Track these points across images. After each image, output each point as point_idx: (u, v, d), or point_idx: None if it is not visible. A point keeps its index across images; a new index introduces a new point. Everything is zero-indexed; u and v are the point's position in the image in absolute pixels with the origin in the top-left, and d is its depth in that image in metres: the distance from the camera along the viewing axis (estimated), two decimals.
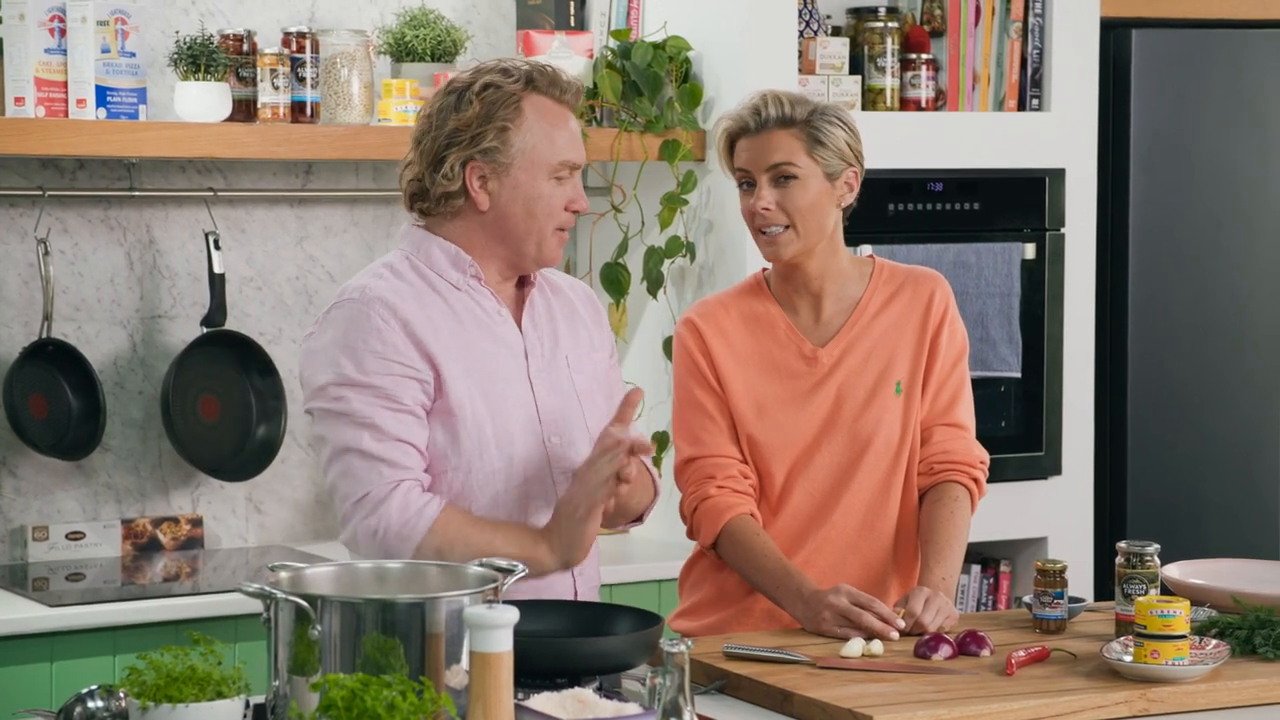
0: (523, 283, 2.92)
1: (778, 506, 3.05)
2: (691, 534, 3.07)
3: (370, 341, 2.75)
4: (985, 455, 3.12)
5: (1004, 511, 4.29)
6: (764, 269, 3.15)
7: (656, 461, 3.82)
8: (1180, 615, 2.57)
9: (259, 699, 2.31)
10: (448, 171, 2.79)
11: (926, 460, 3.08)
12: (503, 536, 2.75)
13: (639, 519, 3.01)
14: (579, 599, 2.87)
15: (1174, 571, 3.00)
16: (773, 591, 2.94)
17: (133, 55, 3.77)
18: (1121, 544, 2.87)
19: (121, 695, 2.30)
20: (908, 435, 3.06)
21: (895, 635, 2.78)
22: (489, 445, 2.79)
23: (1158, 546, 2.85)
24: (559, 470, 2.85)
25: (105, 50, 3.73)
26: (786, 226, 2.99)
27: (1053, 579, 2.88)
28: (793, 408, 3.04)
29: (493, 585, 2.32)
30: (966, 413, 3.12)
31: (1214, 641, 2.69)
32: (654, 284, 4.16)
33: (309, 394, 2.82)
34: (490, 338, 2.84)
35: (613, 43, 4.21)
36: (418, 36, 4.10)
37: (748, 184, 3.03)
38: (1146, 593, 2.80)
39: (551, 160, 2.80)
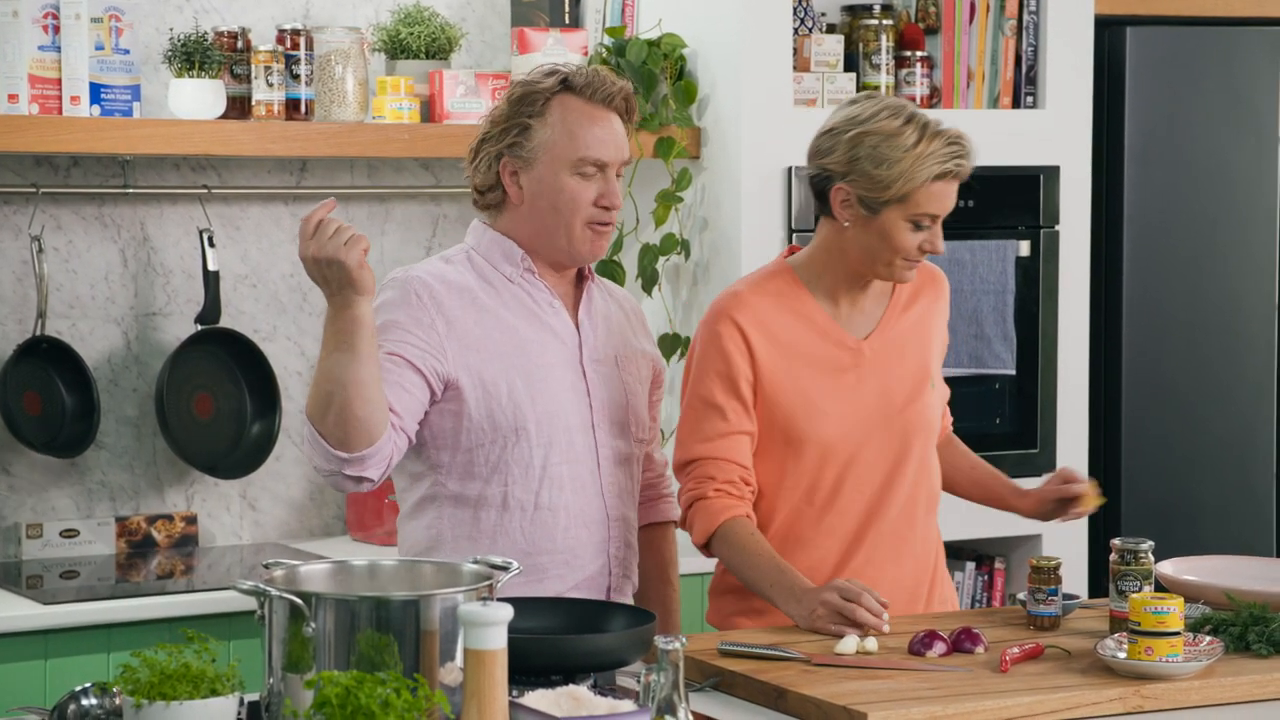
0: (580, 279, 3.00)
1: (827, 506, 3.03)
2: (684, 527, 3.06)
3: (396, 313, 2.85)
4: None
5: (997, 509, 4.28)
6: (785, 258, 3.11)
7: None
8: (1174, 612, 2.57)
9: (253, 696, 2.31)
10: (481, 165, 2.93)
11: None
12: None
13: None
14: (612, 584, 2.93)
15: (1168, 568, 3.00)
16: (767, 590, 2.93)
17: (127, 52, 3.77)
18: (1115, 541, 2.87)
19: (115, 693, 2.30)
20: (939, 427, 3.15)
21: (885, 628, 2.79)
22: (527, 422, 2.87)
23: (1152, 543, 2.85)
24: (605, 458, 2.93)
25: (99, 47, 3.73)
26: None
27: (1046, 576, 2.88)
28: (840, 402, 3.03)
29: (487, 583, 2.32)
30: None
31: (1208, 638, 2.69)
32: (649, 281, 4.16)
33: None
34: (538, 326, 2.92)
35: (607, 40, 4.20)
36: (412, 34, 4.10)
37: (927, 225, 2.99)
38: (1140, 589, 2.80)
39: (571, 155, 2.89)
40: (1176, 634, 2.57)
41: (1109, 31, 4.51)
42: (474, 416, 2.86)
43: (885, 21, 4.30)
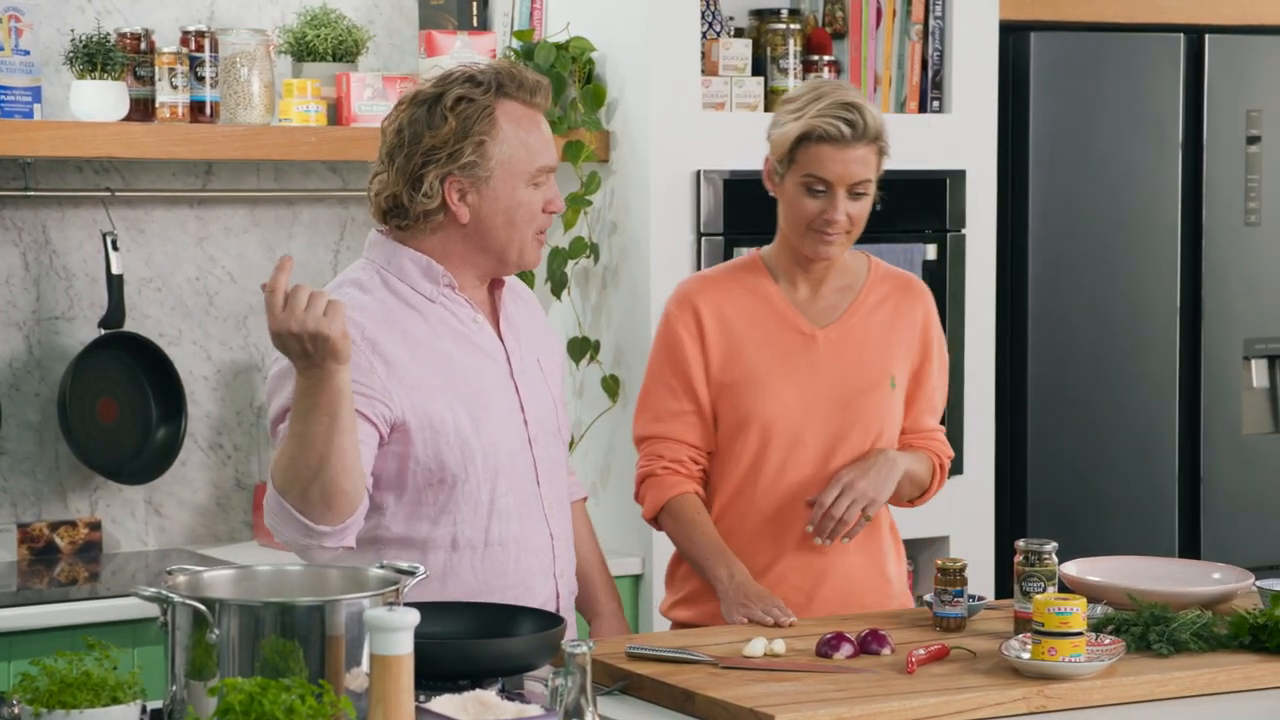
0: (492, 286, 2.90)
1: (771, 487, 3.10)
2: (637, 500, 3.16)
3: None
4: (951, 454, 3.28)
5: (906, 510, 4.30)
6: (758, 250, 3.19)
7: None
8: (1077, 612, 2.60)
9: (156, 704, 2.29)
10: (428, 190, 2.76)
11: (904, 443, 3.21)
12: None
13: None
14: (560, 605, 2.87)
15: (1071, 569, 3.03)
16: (702, 562, 3.04)
17: (27, 53, 3.73)
18: (1020, 542, 2.89)
19: (15, 702, 2.27)
20: (896, 428, 3.17)
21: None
22: (475, 458, 2.77)
23: (1055, 545, 2.88)
24: (542, 473, 2.86)
25: None
26: (845, 232, 3.07)
27: (953, 578, 2.90)
28: (788, 384, 3.10)
29: (393, 588, 2.31)
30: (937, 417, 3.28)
31: (1110, 638, 2.72)
32: (558, 285, 4.16)
33: (270, 423, 2.76)
34: (469, 348, 2.82)
35: (515, 43, 4.20)
36: (319, 36, 4.08)
37: (820, 190, 3.04)
38: (1044, 590, 2.82)
39: (529, 168, 2.79)
40: (1079, 634, 2.60)
41: (1013, 37, 4.55)
42: (420, 458, 2.74)
43: (793, 26, 4.32)
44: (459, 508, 2.78)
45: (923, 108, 4.39)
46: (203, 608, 2.21)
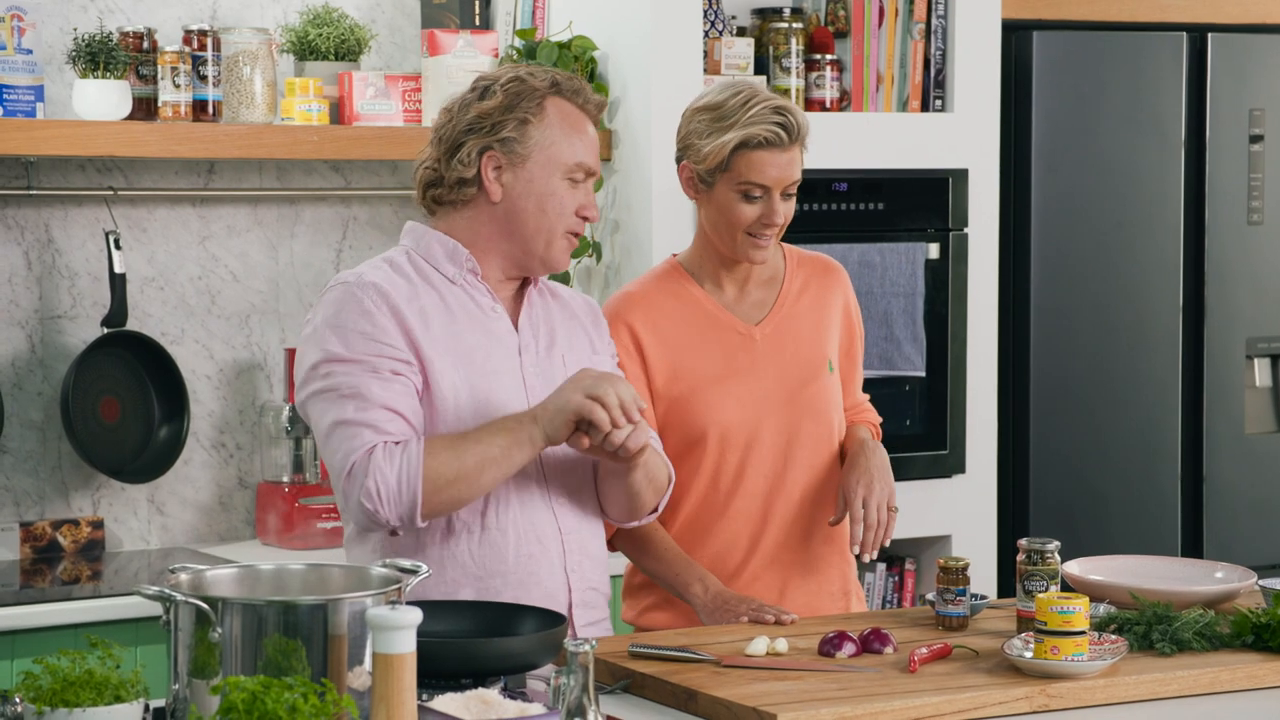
0: (523, 286, 2.91)
1: (732, 491, 3.08)
2: None
3: (359, 322, 2.76)
4: (879, 419, 3.30)
5: (908, 509, 4.31)
6: (674, 254, 3.18)
7: None
8: (1079, 611, 2.60)
9: (159, 703, 2.29)
10: (464, 157, 2.81)
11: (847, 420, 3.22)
12: (489, 430, 2.74)
13: (655, 510, 2.97)
14: (573, 599, 2.86)
15: (1074, 568, 3.03)
16: (672, 579, 3.02)
17: (30, 52, 3.73)
18: (1022, 541, 2.89)
19: (17, 700, 2.27)
20: (841, 409, 3.18)
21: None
22: None
23: (1058, 543, 2.88)
24: (550, 467, 2.85)
25: (1, 47, 3.68)
26: (778, 232, 3.06)
27: (955, 576, 2.90)
28: (735, 387, 3.08)
29: (396, 586, 2.31)
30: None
31: (1112, 637, 2.71)
32: (561, 283, 4.15)
33: (299, 382, 2.80)
34: (481, 331, 2.84)
35: (518, 42, 4.20)
36: (321, 35, 4.08)
37: (757, 196, 3.02)
38: (1047, 589, 2.82)
39: (568, 160, 2.82)
40: (1082, 633, 2.60)
41: (1016, 36, 4.55)
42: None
43: (795, 25, 4.32)
44: None
45: (925, 107, 4.39)
46: (205, 606, 2.21)
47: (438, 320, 2.80)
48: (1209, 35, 4.70)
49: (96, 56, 3.79)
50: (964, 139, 4.40)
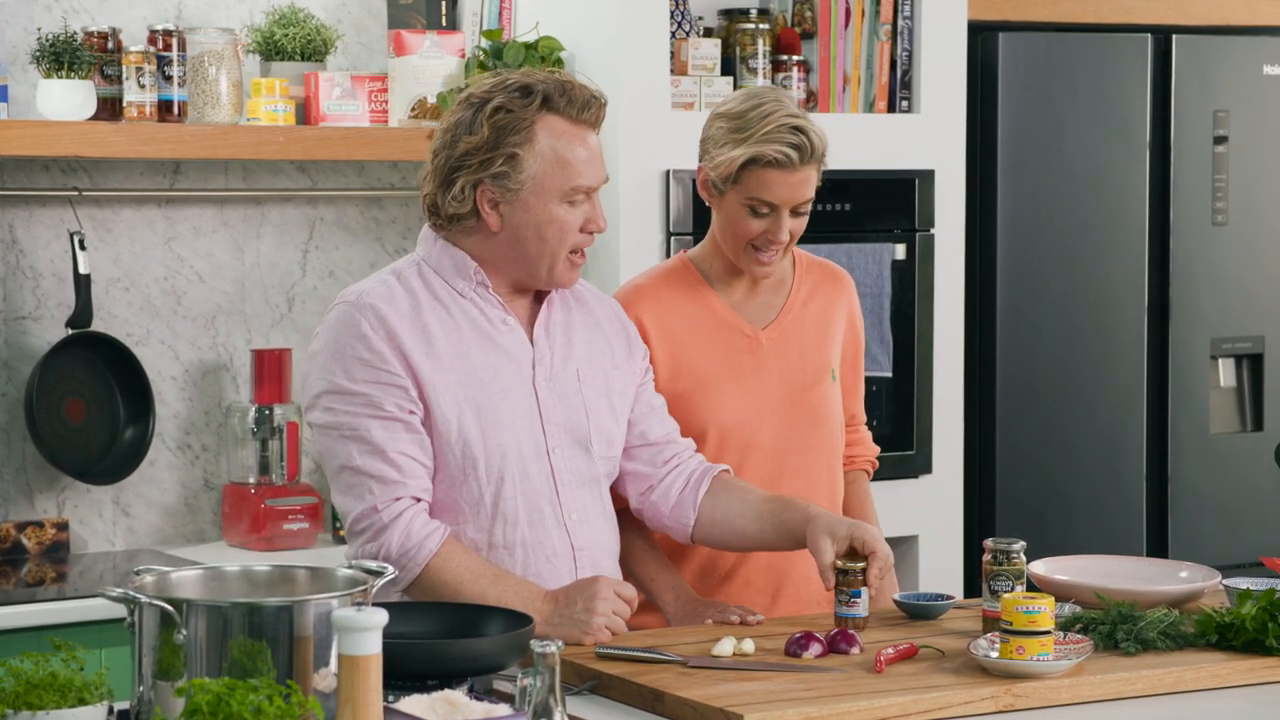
0: (539, 295, 2.90)
1: None
2: None
3: (357, 348, 2.76)
4: (877, 449, 3.33)
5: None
6: (684, 250, 3.19)
7: None
8: (1045, 611, 2.60)
9: (124, 705, 2.28)
10: (457, 194, 2.79)
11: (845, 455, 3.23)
12: (497, 591, 2.73)
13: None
14: None
15: (1039, 568, 3.04)
16: (648, 582, 3.01)
17: None
18: (988, 541, 2.90)
19: None
20: (841, 418, 3.19)
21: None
22: (477, 461, 2.78)
23: (1023, 543, 2.88)
24: (562, 483, 2.84)
25: None
26: (785, 247, 3.06)
27: (852, 578, 2.84)
28: (738, 388, 3.09)
29: (361, 588, 2.30)
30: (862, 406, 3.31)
31: (1077, 637, 2.72)
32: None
33: (305, 404, 2.83)
34: (490, 347, 2.82)
35: (485, 43, 4.19)
36: (287, 35, 4.07)
37: (764, 212, 3.01)
38: (1012, 589, 2.83)
39: (563, 186, 2.79)
40: (1047, 633, 2.60)
41: (982, 37, 4.56)
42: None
43: (762, 26, 4.32)
44: (459, 508, 2.80)
45: (891, 108, 4.40)
46: (170, 608, 2.21)
47: (443, 339, 2.79)
48: (1173, 37, 4.72)
49: (61, 56, 3.77)
50: (930, 140, 4.41)
